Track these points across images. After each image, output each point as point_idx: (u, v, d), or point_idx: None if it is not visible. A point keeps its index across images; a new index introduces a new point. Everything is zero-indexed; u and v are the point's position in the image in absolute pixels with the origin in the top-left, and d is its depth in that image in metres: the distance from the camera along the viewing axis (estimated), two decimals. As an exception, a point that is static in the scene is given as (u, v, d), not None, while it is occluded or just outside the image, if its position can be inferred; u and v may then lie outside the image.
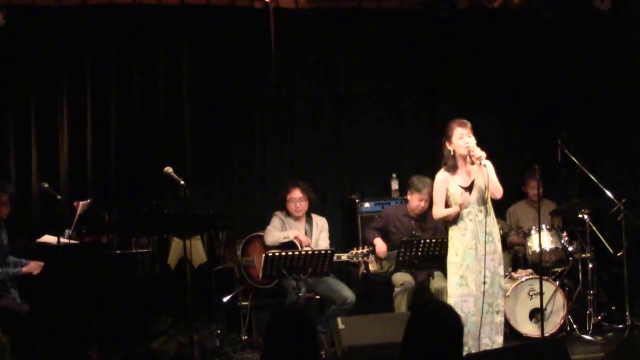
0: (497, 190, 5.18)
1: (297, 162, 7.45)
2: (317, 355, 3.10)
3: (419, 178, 6.44)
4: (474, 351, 4.91)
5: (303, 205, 6.52)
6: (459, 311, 4.97)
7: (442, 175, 5.27)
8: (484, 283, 5.10)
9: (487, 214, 5.18)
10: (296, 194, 6.49)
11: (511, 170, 7.52)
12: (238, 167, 7.36)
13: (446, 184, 5.23)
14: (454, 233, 5.23)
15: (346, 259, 6.24)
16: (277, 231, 6.44)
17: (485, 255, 5.11)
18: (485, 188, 5.15)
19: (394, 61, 7.67)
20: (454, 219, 5.20)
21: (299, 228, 6.52)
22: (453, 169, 5.23)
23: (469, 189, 5.19)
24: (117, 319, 5.78)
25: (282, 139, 7.44)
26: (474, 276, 5.10)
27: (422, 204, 6.41)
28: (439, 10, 7.32)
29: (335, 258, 5.92)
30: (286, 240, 6.34)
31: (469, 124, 5.19)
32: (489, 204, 5.22)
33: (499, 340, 5.18)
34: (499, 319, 5.21)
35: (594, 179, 6.30)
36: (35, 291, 5.63)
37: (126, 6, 7.04)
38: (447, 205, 5.27)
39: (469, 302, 5.07)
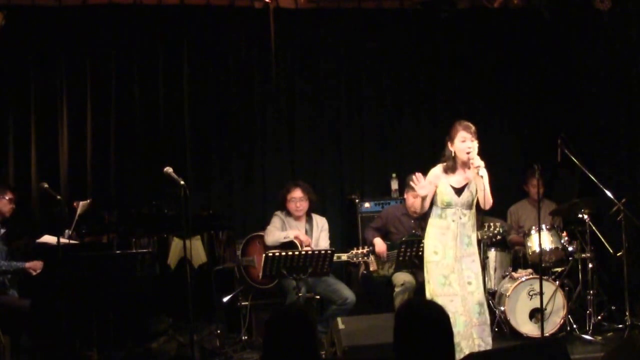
0: (488, 202, 5.17)
1: (297, 162, 7.46)
2: (317, 355, 3.10)
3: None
4: (467, 352, 4.89)
5: (304, 205, 6.51)
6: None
7: (436, 171, 5.24)
8: (469, 284, 5.11)
9: (470, 218, 5.19)
10: (297, 193, 6.49)
11: (511, 170, 7.54)
12: (238, 167, 7.36)
13: (437, 180, 5.21)
14: (432, 230, 5.21)
15: (346, 259, 6.24)
16: (278, 231, 6.43)
17: (465, 257, 5.12)
18: (476, 194, 5.16)
19: (394, 61, 7.67)
20: (439, 214, 5.19)
21: (299, 228, 6.52)
22: (451, 169, 5.21)
23: (461, 190, 5.18)
24: (117, 319, 5.78)
25: (282, 139, 7.45)
26: (455, 276, 5.10)
27: (419, 200, 6.42)
28: (439, 10, 7.33)
29: (335, 258, 5.92)
30: (286, 240, 6.34)
31: (473, 128, 5.16)
32: (474, 209, 5.23)
33: (489, 340, 5.18)
34: (486, 319, 5.22)
35: (594, 179, 6.29)
36: (35, 291, 5.63)
37: (126, 6, 7.04)
38: (433, 200, 5.25)
39: (456, 301, 5.05)
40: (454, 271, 5.10)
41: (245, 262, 6.46)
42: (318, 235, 6.54)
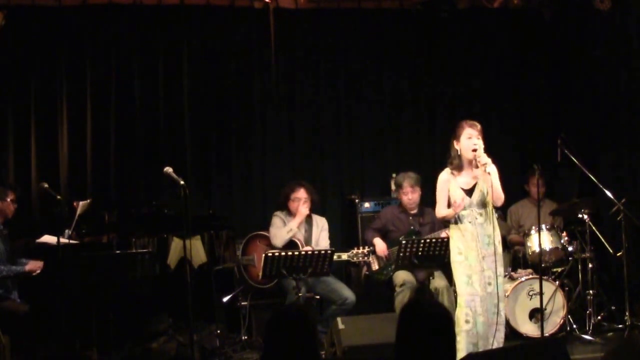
0: (498, 198, 5.17)
1: (297, 162, 7.46)
2: (317, 355, 3.10)
3: (402, 174, 6.55)
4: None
5: (307, 205, 6.51)
6: (468, 310, 5.02)
7: (444, 175, 5.26)
8: (489, 284, 5.12)
9: (487, 216, 5.18)
10: (301, 193, 6.48)
11: (511, 170, 7.53)
12: (238, 167, 7.36)
13: (448, 185, 5.23)
14: (454, 232, 5.25)
15: (346, 259, 6.24)
16: (280, 230, 6.42)
17: (486, 257, 5.12)
18: (487, 192, 5.16)
19: (394, 61, 7.67)
20: (455, 220, 5.21)
21: (299, 228, 6.51)
22: (458, 168, 5.22)
23: (471, 191, 5.19)
24: (117, 319, 5.77)
25: (282, 139, 7.45)
26: (477, 276, 5.12)
27: (409, 196, 6.46)
28: (439, 10, 7.33)
29: (335, 257, 5.92)
30: (291, 234, 6.34)
31: (478, 126, 5.17)
32: (490, 207, 5.22)
33: (501, 341, 5.20)
34: (502, 319, 5.24)
35: (594, 179, 6.29)
36: (35, 291, 5.63)
37: (126, 6, 7.04)
38: (449, 204, 5.27)
39: (476, 301, 5.09)
40: (476, 271, 5.12)
41: (244, 261, 6.46)
42: (318, 235, 6.54)
